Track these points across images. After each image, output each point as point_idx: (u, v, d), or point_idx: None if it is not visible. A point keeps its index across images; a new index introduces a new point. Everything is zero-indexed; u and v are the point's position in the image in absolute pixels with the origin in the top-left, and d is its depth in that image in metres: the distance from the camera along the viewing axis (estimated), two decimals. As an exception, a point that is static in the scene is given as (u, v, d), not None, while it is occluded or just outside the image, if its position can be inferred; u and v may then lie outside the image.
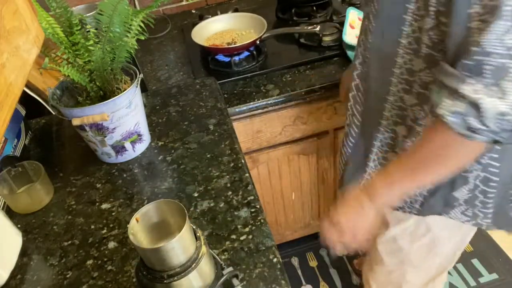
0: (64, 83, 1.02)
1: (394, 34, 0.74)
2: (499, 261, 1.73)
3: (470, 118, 0.61)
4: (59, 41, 0.92)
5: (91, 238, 0.89)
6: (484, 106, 0.59)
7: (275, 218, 1.65)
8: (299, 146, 1.42)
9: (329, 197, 1.64)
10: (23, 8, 0.71)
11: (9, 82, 0.62)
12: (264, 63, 1.37)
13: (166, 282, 0.62)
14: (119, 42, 0.92)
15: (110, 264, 0.83)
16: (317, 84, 1.26)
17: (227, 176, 0.97)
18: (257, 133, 1.34)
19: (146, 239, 0.66)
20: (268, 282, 0.75)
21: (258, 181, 1.47)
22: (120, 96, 0.94)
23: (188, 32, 1.46)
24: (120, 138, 1.01)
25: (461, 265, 1.73)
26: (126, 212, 0.93)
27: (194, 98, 1.24)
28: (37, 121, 1.27)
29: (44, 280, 0.82)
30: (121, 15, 0.89)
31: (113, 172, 1.04)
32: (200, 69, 1.40)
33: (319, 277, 1.77)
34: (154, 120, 1.18)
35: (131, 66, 1.03)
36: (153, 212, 0.66)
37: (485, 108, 0.59)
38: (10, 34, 0.65)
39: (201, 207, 0.91)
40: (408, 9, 0.70)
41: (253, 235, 0.83)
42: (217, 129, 1.11)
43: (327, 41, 1.39)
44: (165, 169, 1.02)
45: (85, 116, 0.93)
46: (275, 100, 1.25)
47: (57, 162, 1.10)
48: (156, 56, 1.53)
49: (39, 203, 0.97)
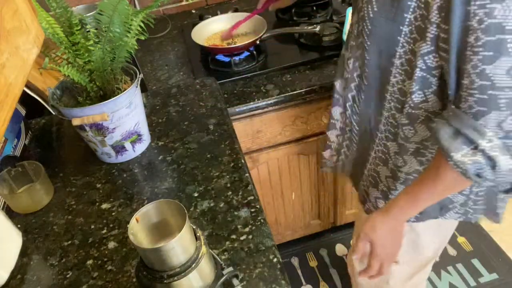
0: (64, 83, 1.02)
1: (389, 53, 0.76)
2: (499, 261, 1.73)
3: (486, 170, 0.65)
4: (59, 41, 0.92)
5: (91, 238, 0.89)
6: (500, 163, 0.64)
7: (275, 218, 1.65)
8: (299, 146, 1.42)
9: (329, 197, 1.65)
10: (23, 8, 0.71)
11: (9, 82, 0.62)
12: (264, 63, 1.37)
13: (166, 282, 0.62)
14: (119, 42, 0.92)
15: (110, 264, 0.83)
16: (317, 84, 1.26)
17: (227, 176, 0.97)
18: (257, 133, 1.34)
19: (146, 239, 0.66)
20: (268, 282, 0.75)
21: (258, 181, 1.47)
22: (120, 96, 0.94)
23: (188, 32, 1.46)
24: (120, 138, 1.01)
25: (461, 265, 1.73)
26: (126, 212, 0.93)
27: (194, 98, 1.24)
28: (37, 121, 1.27)
29: (44, 280, 0.82)
30: (121, 15, 0.89)
31: (113, 172, 1.04)
32: (200, 69, 1.40)
33: (319, 277, 1.77)
34: (154, 120, 1.18)
35: (131, 66, 1.03)
36: (153, 212, 0.66)
37: (500, 164, 0.64)
38: (10, 34, 0.65)
39: (201, 207, 0.91)
40: (402, 31, 0.71)
41: (253, 235, 0.83)
42: (217, 129, 1.11)
43: (327, 41, 1.39)
44: (165, 169, 1.02)
45: (85, 116, 0.93)
46: (275, 100, 1.25)
47: (57, 162, 1.10)
48: (156, 56, 1.53)
49: (39, 203, 0.97)
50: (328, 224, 1.78)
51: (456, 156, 0.66)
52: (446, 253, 1.77)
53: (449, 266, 1.73)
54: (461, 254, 1.77)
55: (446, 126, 0.68)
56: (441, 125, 0.69)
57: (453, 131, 0.67)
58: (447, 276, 1.69)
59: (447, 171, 0.71)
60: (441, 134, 0.68)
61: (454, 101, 0.68)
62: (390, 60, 0.76)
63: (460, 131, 0.66)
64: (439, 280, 1.69)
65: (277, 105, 1.27)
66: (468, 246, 1.79)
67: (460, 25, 0.60)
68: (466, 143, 0.66)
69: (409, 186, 0.82)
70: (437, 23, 0.64)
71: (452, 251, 1.78)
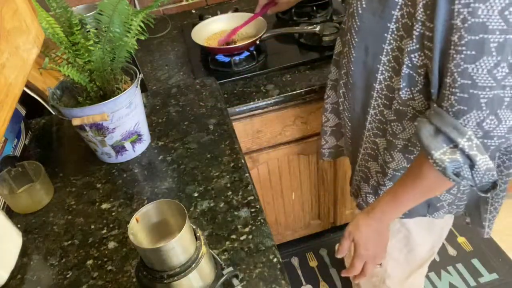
0: (64, 83, 1.02)
1: (376, 50, 0.76)
2: (499, 261, 1.73)
3: (464, 169, 0.66)
4: (59, 41, 0.92)
5: (91, 238, 0.89)
6: (478, 162, 0.65)
7: (275, 218, 1.65)
8: (299, 146, 1.42)
9: (329, 197, 1.65)
10: (23, 8, 0.71)
11: (9, 82, 0.62)
12: (264, 63, 1.37)
13: (166, 282, 0.62)
14: (119, 42, 0.92)
15: (110, 264, 0.83)
16: (317, 84, 1.26)
17: (227, 176, 0.97)
18: (257, 133, 1.34)
19: (146, 239, 0.66)
20: (268, 282, 0.75)
21: (258, 181, 1.47)
22: (120, 96, 0.94)
23: (188, 32, 1.46)
24: (120, 138, 1.01)
25: (461, 265, 1.73)
26: (126, 212, 0.93)
27: (194, 98, 1.24)
28: (37, 121, 1.27)
29: (44, 280, 0.82)
30: (121, 15, 0.89)
31: (113, 172, 1.04)
32: (200, 69, 1.40)
33: (319, 277, 1.77)
34: (154, 120, 1.18)
35: (131, 66, 1.03)
36: (153, 212, 0.66)
37: (479, 163, 0.65)
38: (10, 34, 0.65)
39: (201, 207, 0.91)
40: (389, 28, 0.71)
41: (253, 235, 0.83)
42: (217, 129, 1.11)
43: (327, 41, 1.39)
44: (165, 169, 1.02)
45: (85, 116, 0.93)
46: (275, 100, 1.25)
47: (57, 162, 1.10)
48: (156, 56, 1.53)
49: (39, 203, 0.97)
50: (328, 224, 1.78)
51: (435, 154, 0.67)
52: (446, 253, 1.77)
53: (449, 266, 1.73)
54: (461, 254, 1.77)
55: (428, 124, 0.68)
56: (423, 124, 0.69)
57: (434, 129, 0.67)
58: (447, 276, 1.69)
59: (428, 170, 0.71)
60: (422, 132, 0.69)
61: (436, 100, 0.69)
62: (377, 57, 0.76)
63: (441, 129, 0.66)
64: (439, 280, 1.69)
65: (277, 105, 1.27)
66: (468, 246, 1.79)
67: (444, 24, 0.61)
68: (446, 142, 0.66)
69: (391, 188, 0.82)
70: (422, 21, 0.64)
71: (452, 251, 1.78)
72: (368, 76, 0.81)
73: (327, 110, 1.07)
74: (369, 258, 0.89)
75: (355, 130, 0.94)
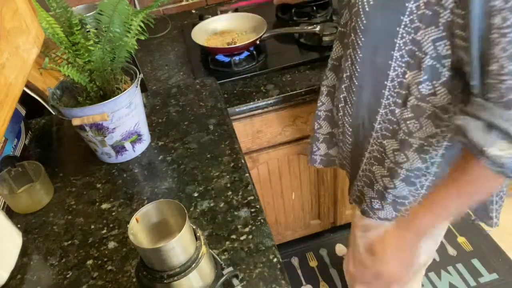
0: (64, 83, 1.02)
1: (387, 47, 0.74)
2: (499, 261, 1.73)
3: None
4: (59, 41, 0.92)
5: (91, 238, 0.89)
6: None
7: (275, 218, 1.65)
8: (299, 146, 1.42)
9: (329, 197, 1.65)
10: (23, 8, 0.71)
11: (9, 82, 0.62)
12: (264, 63, 1.37)
13: (166, 282, 0.62)
14: (119, 42, 0.92)
15: (110, 264, 0.83)
16: (317, 84, 1.26)
17: (227, 176, 0.97)
18: (257, 133, 1.34)
19: (146, 239, 0.66)
20: (268, 282, 0.75)
21: (258, 181, 1.47)
22: (120, 96, 0.94)
23: (188, 32, 1.46)
24: (120, 138, 1.01)
25: (461, 265, 1.73)
26: (126, 212, 0.93)
27: (194, 98, 1.24)
28: (37, 121, 1.27)
29: (44, 280, 0.82)
30: (121, 15, 0.89)
31: (113, 172, 1.04)
32: (200, 69, 1.40)
33: (319, 277, 1.77)
34: (154, 120, 1.18)
35: (131, 66, 1.03)
36: (153, 212, 0.66)
37: None
38: (10, 34, 0.65)
39: (201, 207, 0.91)
40: (402, 21, 0.69)
41: (253, 235, 0.83)
42: (217, 129, 1.11)
43: (327, 41, 1.39)
44: (165, 169, 1.02)
45: (85, 116, 0.93)
46: (275, 100, 1.25)
47: (57, 162, 1.10)
48: (156, 56, 1.53)
49: (39, 203, 0.97)
50: (328, 224, 1.78)
51: (491, 151, 0.61)
52: (446, 253, 1.77)
53: (449, 266, 1.73)
54: (461, 254, 1.77)
55: (474, 120, 0.63)
56: (467, 121, 0.63)
57: (484, 125, 0.62)
58: (447, 276, 1.69)
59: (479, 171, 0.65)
60: (471, 130, 0.62)
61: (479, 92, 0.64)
62: (388, 53, 0.74)
63: (493, 123, 0.60)
64: (439, 280, 1.69)
65: (277, 105, 1.27)
66: (468, 246, 1.79)
67: (481, 8, 0.57)
68: (500, 136, 0.60)
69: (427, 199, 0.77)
70: (450, 8, 0.61)
71: (452, 251, 1.78)
72: (377, 75, 0.78)
73: (320, 117, 1.03)
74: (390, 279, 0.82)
75: (358, 135, 0.91)
